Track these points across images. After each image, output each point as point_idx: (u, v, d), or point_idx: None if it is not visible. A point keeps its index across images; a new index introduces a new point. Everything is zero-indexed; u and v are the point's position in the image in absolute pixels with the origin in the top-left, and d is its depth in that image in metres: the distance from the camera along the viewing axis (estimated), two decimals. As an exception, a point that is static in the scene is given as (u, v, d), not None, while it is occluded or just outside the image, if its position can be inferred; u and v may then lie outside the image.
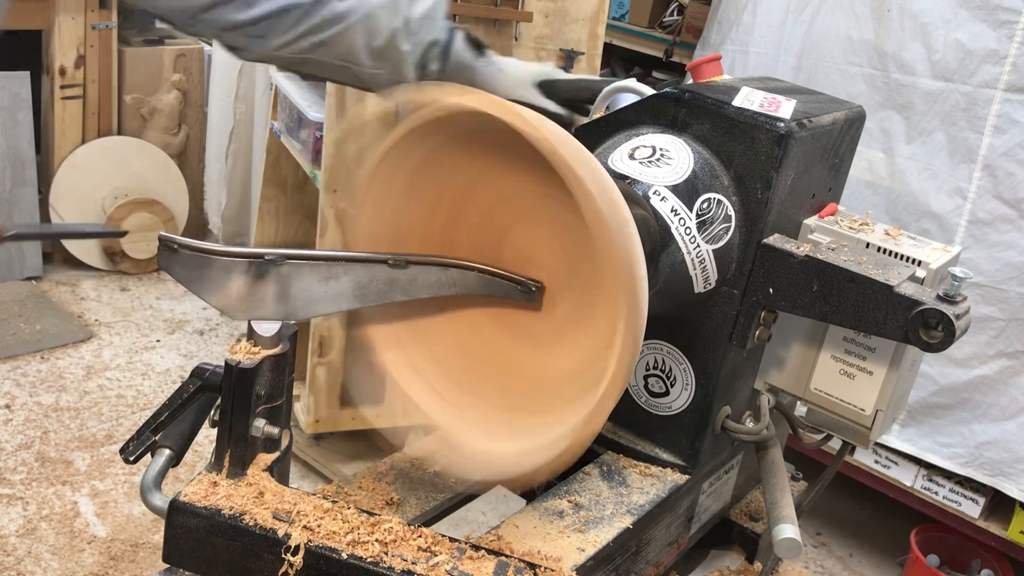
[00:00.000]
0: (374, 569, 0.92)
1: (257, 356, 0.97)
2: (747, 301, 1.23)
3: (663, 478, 1.29)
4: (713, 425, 1.30)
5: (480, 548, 0.96)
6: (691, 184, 1.18)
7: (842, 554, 3.00)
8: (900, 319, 1.13)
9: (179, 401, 1.01)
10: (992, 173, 2.39)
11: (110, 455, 2.81)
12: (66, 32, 3.48)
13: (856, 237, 1.30)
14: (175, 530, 0.97)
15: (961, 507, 2.62)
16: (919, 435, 2.62)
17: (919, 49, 2.46)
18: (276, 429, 1.01)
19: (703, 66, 1.39)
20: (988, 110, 2.37)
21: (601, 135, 1.29)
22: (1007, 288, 2.40)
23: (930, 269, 1.25)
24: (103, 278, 3.83)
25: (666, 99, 1.25)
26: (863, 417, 1.27)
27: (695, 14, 3.80)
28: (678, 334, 1.28)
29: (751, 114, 1.19)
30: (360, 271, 1.02)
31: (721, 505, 1.48)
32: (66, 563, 2.40)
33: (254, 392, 0.98)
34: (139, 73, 3.78)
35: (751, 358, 1.33)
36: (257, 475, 1.01)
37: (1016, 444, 2.46)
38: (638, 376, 1.33)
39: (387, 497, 1.21)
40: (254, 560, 0.95)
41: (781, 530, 1.23)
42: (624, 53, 4.22)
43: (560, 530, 1.12)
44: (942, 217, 2.47)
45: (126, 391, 3.13)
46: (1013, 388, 2.45)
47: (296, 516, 0.96)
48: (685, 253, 1.17)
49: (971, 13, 2.37)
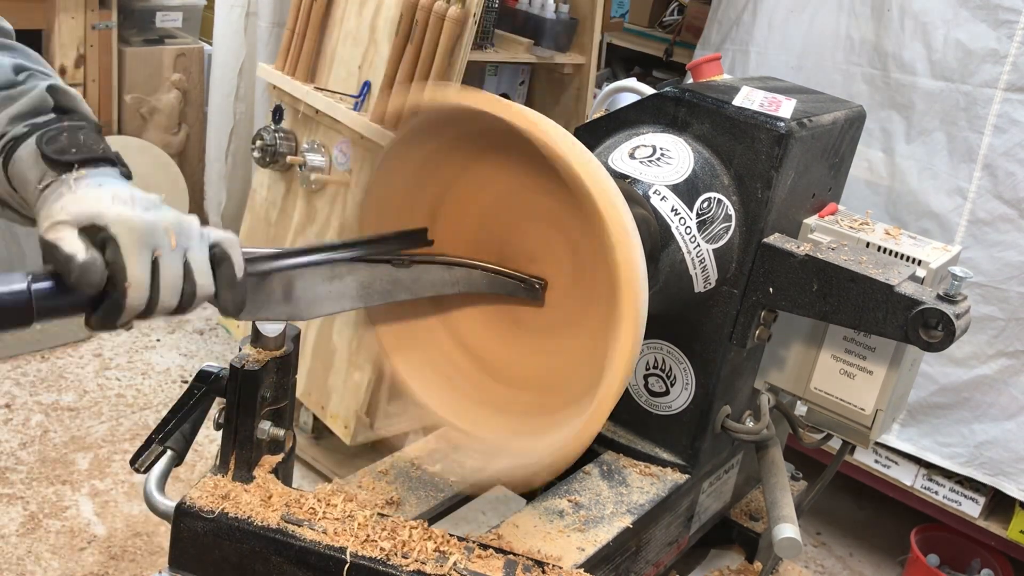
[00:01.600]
0: (384, 569, 0.92)
1: (262, 359, 0.97)
2: (747, 301, 1.23)
3: (663, 478, 1.29)
4: (713, 425, 1.30)
5: (488, 547, 0.96)
6: (691, 183, 1.18)
7: (842, 554, 3.00)
8: (900, 319, 1.13)
9: (185, 407, 1.01)
10: (992, 173, 2.39)
11: (110, 455, 2.81)
12: (66, 32, 3.48)
13: (856, 237, 1.30)
14: (182, 534, 0.97)
15: (961, 507, 2.62)
16: (919, 435, 2.62)
17: (919, 49, 2.46)
18: (281, 431, 1.01)
19: (703, 66, 1.39)
20: (988, 110, 2.37)
21: (601, 134, 1.29)
22: (1007, 288, 2.40)
23: (930, 269, 1.25)
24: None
25: (666, 99, 1.25)
26: (863, 417, 1.27)
27: (695, 14, 3.80)
28: (678, 334, 1.29)
29: (751, 114, 1.19)
30: (364, 270, 1.02)
31: (721, 505, 1.48)
32: (66, 563, 2.40)
33: (259, 395, 0.98)
34: (139, 73, 3.78)
35: (751, 358, 1.33)
36: (263, 477, 1.01)
37: (1016, 443, 2.46)
38: (638, 376, 1.33)
39: (387, 497, 1.21)
40: (263, 563, 0.95)
41: (781, 530, 1.24)
42: (624, 53, 4.22)
43: (560, 529, 1.12)
44: (942, 217, 2.47)
45: (126, 391, 3.13)
46: (1013, 388, 2.45)
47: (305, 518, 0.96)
48: (685, 252, 1.17)
49: (971, 13, 2.37)
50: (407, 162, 1.07)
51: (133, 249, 0.80)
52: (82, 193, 0.83)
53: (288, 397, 1.03)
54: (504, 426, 1.08)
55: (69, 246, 0.79)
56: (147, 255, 0.81)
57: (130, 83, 3.78)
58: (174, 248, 0.83)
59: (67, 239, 0.79)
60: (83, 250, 0.78)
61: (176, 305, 0.84)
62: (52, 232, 0.80)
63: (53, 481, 2.67)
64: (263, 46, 3.34)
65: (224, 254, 0.87)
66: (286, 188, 2.83)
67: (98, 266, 0.79)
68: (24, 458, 2.73)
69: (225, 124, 3.68)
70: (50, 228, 0.80)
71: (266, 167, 2.80)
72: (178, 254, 0.84)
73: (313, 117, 2.67)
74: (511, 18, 2.93)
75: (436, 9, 2.31)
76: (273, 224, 2.89)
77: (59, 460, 2.75)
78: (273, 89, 2.81)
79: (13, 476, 2.66)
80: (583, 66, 2.94)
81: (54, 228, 0.80)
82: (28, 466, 2.71)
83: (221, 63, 3.57)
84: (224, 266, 0.87)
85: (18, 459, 2.73)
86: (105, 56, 3.64)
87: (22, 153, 0.89)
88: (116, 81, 3.73)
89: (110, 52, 3.65)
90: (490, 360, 1.15)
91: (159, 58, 3.81)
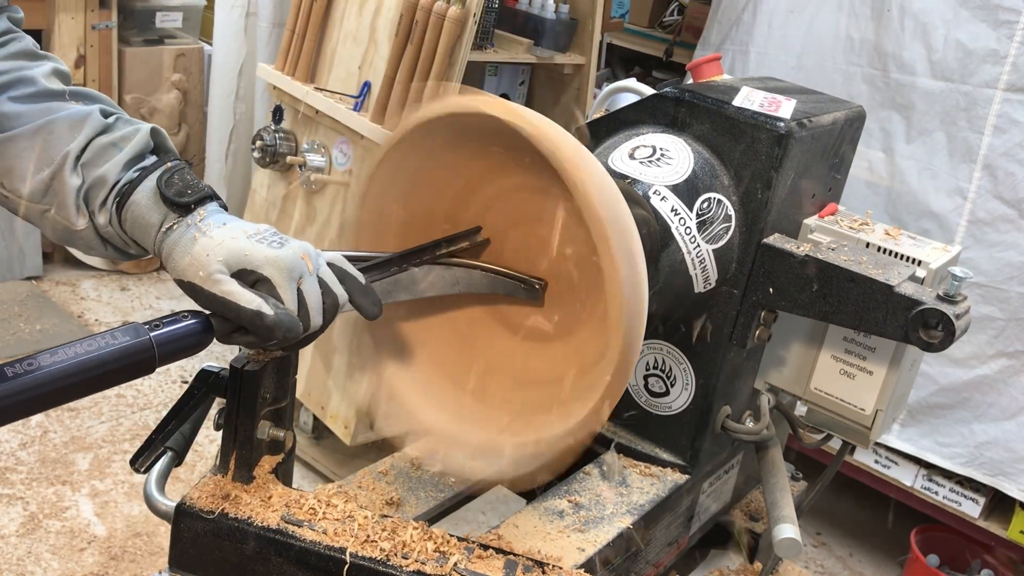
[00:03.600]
0: (384, 570, 0.92)
1: (262, 359, 0.97)
2: (747, 301, 1.23)
3: (663, 478, 1.29)
4: (713, 425, 1.30)
5: (488, 547, 0.96)
6: (691, 184, 1.18)
7: (842, 554, 3.00)
8: (900, 319, 1.13)
9: (186, 408, 1.01)
10: (992, 173, 2.39)
11: (110, 455, 2.81)
12: (66, 32, 3.48)
13: (856, 237, 1.30)
14: (182, 534, 0.97)
15: (961, 507, 2.62)
16: (919, 435, 2.62)
17: (919, 49, 2.46)
18: (281, 432, 1.01)
19: (703, 66, 1.39)
20: (988, 110, 2.38)
21: (601, 135, 1.29)
22: (1007, 288, 2.40)
23: (930, 269, 1.25)
24: (103, 278, 3.83)
25: (666, 99, 1.25)
26: (863, 417, 1.27)
27: (695, 14, 3.80)
28: (678, 334, 1.29)
29: (751, 114, 1.19)
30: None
31: (721, 505, 1.48)
32: (66, 563, 2.40)
33: (259, 395, 0.98)
34: (139, 73, 3.78)
35: (751, 358, 1.33)
36: (264, 478, 1.00)
37: (1016, 444, 2.46)
38: (638, 376, 1.33)
39: (387, 497, 1.21)
40: (263, 563, 0.95)
41: (781, 530, 1.24)
42: (624, 53, 4.22)
43: (560, 530, 1.12)
44: (942, 217, 2.47)
45: (126, 391, 3.13)
46: (1013, 388, 2.45)
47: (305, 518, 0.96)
48: (685, 253, 1.17)
49: (971, 13, 2.37)
50: (405, 162, 1.07)
51: (285, 286, 0.90)
52: (217, 236, 0.91)
53: (288, 397, 1.02)
54: (503, 426, 1.08)
55: (248, 301, 0.87)
56: (295, 287, 0.91)
57: (130, 83, 3.78)
58: (312, 272, 0.92)
59: (238, 294, 0.87)
60: (265, 304, 0.87)
61: (321, 322, 0.92)
62: (216, 285, 0.88)
63: (53, 481, 2.67)
64: (263, 46, 3.34)
65: (343, 270, 0.96)
66: (286, 188, 2.83)
67: (290, 317, 0.89)
68: (24, 458, 2.73)
69: (225, 124, 3.69)
70: (209, 280, 0.88)
71: (266, 167, 2.80)
72: (314, 276, 0.92)
73: (313, 117, 2.67)
74: (511, 18, 2.93)
75: (436, 9, 2.31)
76: (273, 224, 2.89)
77: (59, 460, 2.75)
78: (273, 89, 2.81)
79: (13, 476, 2.66)
80: (583, 66, 2.94)
81: (214, 280, 0.88)
82: (28, 466, 2.71)
83: (221, 63, 3.57)
84: (348, 278, 0.96)
85: (18, 459, 2.73)
86: (105, 56, 3.64)
87: (139, 198, 0.95)
88: (116, 81, 3.73)
89: (110, 52, 3.65)
90: (489, 360, 1.15)
91: (159, 58, 3.81)
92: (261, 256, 0.89)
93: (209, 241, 0.90)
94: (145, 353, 0.82)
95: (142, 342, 0.82)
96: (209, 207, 0.94)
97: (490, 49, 2.77)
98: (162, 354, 0.84)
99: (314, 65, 2.70)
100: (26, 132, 0.97)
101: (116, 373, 0.81)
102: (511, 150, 0.99)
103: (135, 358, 0.82)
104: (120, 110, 1.04)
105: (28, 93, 1.00)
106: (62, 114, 0.98)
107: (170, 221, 0.93)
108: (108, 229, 0.97)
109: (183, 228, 0.92)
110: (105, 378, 0.80)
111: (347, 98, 2.55)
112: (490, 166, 1.08)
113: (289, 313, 0.89)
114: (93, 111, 0.99)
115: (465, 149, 1.06)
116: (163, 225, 0.93)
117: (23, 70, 1.01)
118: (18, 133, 0.97)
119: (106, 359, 0.80)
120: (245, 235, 0.91)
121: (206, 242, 0.90)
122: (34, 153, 0.97)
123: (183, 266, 0.90)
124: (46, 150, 0.97)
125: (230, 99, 3.62)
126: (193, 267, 0.89)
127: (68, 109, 0.99)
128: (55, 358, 0.78)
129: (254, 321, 0.87)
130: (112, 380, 0.81)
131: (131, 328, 0.83)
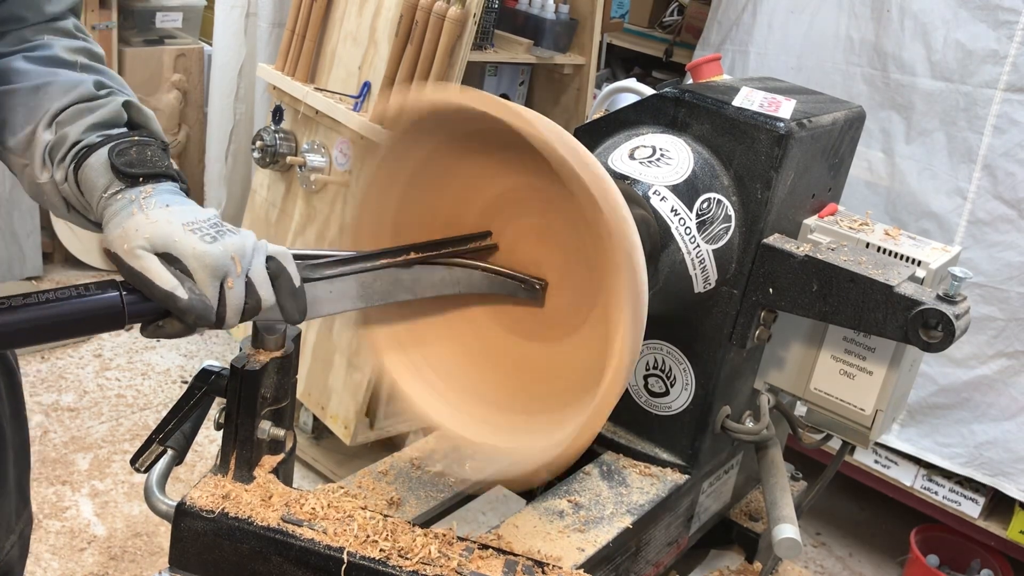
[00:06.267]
0: (384, 569, 0.92)
1: (263, 359, 0.97)
2: (747, 301, 1.23)
3: (663, 478, 1.29)
4: (713, 425, 1.30)
5: (488, 547, 0.97)
6: (691, 184, 1.18)
7: (842, 554, 3.00)
8: (900, 319, 1.13)
9: (186, 407, 1.01)
10: (992, 173, 2.39)
11: (110, 455, 2.81)
12: (66, 32, 3.48)
13: (856, 237, 1.30)
14: (182, 533, 0.97)
15: (961, 507, 2.62)
16: (919, 435, 2.62)
17: (919, 49, 2.47)
18: (282, 431, 1.01)
19: (703, 66, 1.39)
20: (988, 110, 2.38)
21: (601, 135, 1.29)
22: (1007, 288, 2.40)
23: (930, 269, 1.25)
24: (102, 278, 3.83)
25: (666, 99, 1.26)
26: (863, 417, 1.27)
27: (695, 14, 3.80)
28: (678, 334, 1.29)
29: (751, 114, 1.19)
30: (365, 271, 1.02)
31: (721, 505, 1.48)
32: (66, 563, 2.40)
33: (260, 395, 0.98)
34: (139, 73, 3.78)
35: (751, 358, 1.33)
36: (264, 477, 1.01)
37: (1016, 444, 2.46)
38: (638, 376, 1.33)
39: (387, 497, 1.21)
40: (263, 563, 0.95)
41: (781, 530, 1.24)
42: (624, 53, 4.22)
43: (560, 530, 1.12)
44: (942, 217, 2.48)
45: (126, 391, 3.13)
46: (1013, 388, 2.45)
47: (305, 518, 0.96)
48: (685, 253, 1.17)
49: (971, 13, 2.37)
50: (404, 162, 1.07)
51: (207, 283, 0.89)
52: (154, 215, 0.91)
53: (288, 397, 1.03)
54: (503, 426, 1.08)
55: (164, 281, 0.87)
56: (218, 285, 0.89)
57: (130, 83, 3.72)
58: (239, 274, 0.91)
59: (156, 271, 0.87)
60: (180, 287, 0.87)
61: (237, 322, 0.92)
62: (135, 260, 0.88)
63: (53, 481, 2.67)
64: (263, 46, 3.34)
65: (280, 267, 0.94)
66: (286, 188, 2.83)
67: (204, 304, 0.88)
68: (24, 458, 2.73)
69: (225, 124, 3.68)
70: (131, 254, 0.88)
71: (266, 167, 2.80)
72: (242, 277, 0.91)
73: (313, 117, 2.67)
74: (511, 18, 2.93)
75: (436, 9, 2.31)
76: (273, 224, 2.89)
77: (59, 460, 2.75)
78: (273, 89, 2.81)
79: (13, 476, 2.66)
80: (583, 66, 2.94)
81: (135, 255, 0.88)
82: (28, 466, 2.71)
83: (221, 63, 3.57)
84: (282, 278, 0.94)
85: (18, 459, 2.73)
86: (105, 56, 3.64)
87: (93, 161, 0.96)
88: (116, 81, 3.73)
89: (110, 52, 3.65)
90: (489, 360, 1.15)
91: (159, 58, 3.81)
92: (188, 248, 0.89)
93: (143, 219, 0.90)
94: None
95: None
96: (160, 186, 0.95)
97: (490, 49, 2.77)
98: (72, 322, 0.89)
99: (314, 65, 2.70)
100: (25, 88, 1.01)
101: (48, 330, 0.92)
102: (510, 150, 0.99)
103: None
104: (124, 88, 1.07)
105: (41, 56, 1.04)
106: (61, 78, 1.02)
107: (114, 188, 0.94)
108: (64, 187, 0.99)
109: (125, 201, 0.93)
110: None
111: (347, 98, 2.56)
112: (489, 166, 1.08)
113: (204, 300, 0.88)
114: (87, 80, 1.03)
115: (464, 149, 1.06)
116: (108, 190, 0.94)
117: (51, 42, 1.07)
118: (17, 88, 1.02)
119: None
120: (181, 222, 0.90)
121: (140, 219, 0.90)
122: (27, 109, 1.01)
123: (113, 236, 0.91)
124: (36, 108, 1.00)
125: (230, 99, 3.62)
126: (120, 239, 0.90)
127: (69, 75, 1.03)
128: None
129: (166, 301, 0.87)
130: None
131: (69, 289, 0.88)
